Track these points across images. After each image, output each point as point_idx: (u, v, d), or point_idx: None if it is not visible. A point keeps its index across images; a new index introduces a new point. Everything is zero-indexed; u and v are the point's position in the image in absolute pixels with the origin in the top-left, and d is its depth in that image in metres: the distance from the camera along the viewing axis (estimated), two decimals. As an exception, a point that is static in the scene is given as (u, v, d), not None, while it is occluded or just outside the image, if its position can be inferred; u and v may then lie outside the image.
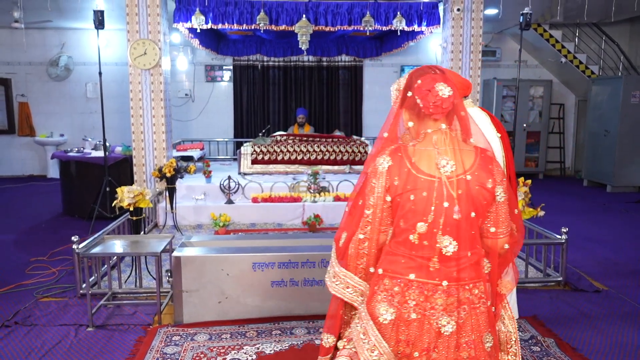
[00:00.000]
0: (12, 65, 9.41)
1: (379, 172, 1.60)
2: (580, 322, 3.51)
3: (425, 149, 1.61)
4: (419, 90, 1.59)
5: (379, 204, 1.60)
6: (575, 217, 6.68)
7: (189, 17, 6.26)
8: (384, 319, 1.59)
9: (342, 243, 1.70)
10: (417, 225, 1.56)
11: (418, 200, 1.55)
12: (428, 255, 1.57)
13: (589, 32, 9.66)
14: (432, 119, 1.61)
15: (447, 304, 1.56)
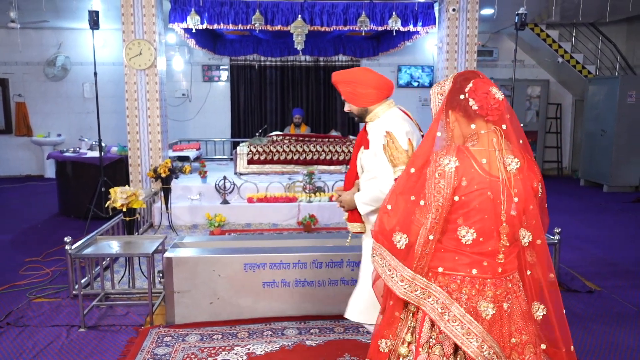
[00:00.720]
0: (9, 65, 9.41)
1: (447, 173, 1.61)
2: (572, 323, 3.47)
3: (486, 149, 1.66)
4: (474, 93, 1.66)
5: (446, 204, 1.62)
6: (572, 217, 6.68)
7: (185, 17, 6.26)
8: (486, 315, 1.63)
9: (405, 244, 1.68)
10: (479, 224, 1.62)
11: (484, 200, 1.61)
12: (484, 251, 1.64)
13: (585, 32, 9.66)
14: (484, 121, 1.66)
15: (495, 295, 1.65)
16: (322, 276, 3.50)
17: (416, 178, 1.68)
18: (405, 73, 9.99)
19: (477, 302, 1.64)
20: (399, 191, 1.72)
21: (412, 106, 10.10)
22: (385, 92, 2.40)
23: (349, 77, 2.41)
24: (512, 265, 1.68)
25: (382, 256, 1.73)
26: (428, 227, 1.64)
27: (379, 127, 2.31)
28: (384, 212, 1.74)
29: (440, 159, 1.63)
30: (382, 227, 1.74)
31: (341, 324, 3.42)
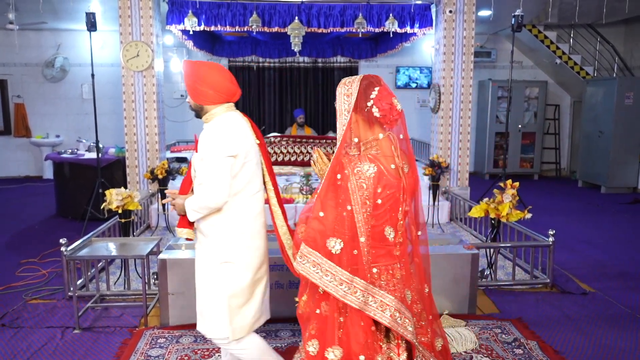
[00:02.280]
0: (8, 66, 9.44)
1: (367, 178, 1.78)
2: (565, 325, 3.52)
3: (390, 155, 1.86)
4: (379, 102, 1.83)
5: (371, 207, 1.79)
6: (569, 218, 6.69)
7: (182, 19, 6.28)
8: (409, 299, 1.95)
9: (340, 249, 1.79)
10: (392, 223, 1.85)
11: (394, 200, 1.83)
12: (394, 243, 1.89)
13: (583, 33, 9.67)
14: (382, 127, 1.87)
15: (402, 276, 1.94)
16: (316, 278, 3.50)
17: (339, 185, 1.79)
18: (403, 74, 10.00)
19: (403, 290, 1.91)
20: (327, 198, 1.82)
21: (411, 107, 10.12)
22: (224, 97, 2.25)
23: (194, 70, 2.24)
24: (406, 252, 1.96)
25: (316, 263, 1.80)
26: (363, 231, 1.78)
27: (210, 131, 2.19)
28: (315, 219, 1.82)
29: (359, 166, 1.79)
30: (313, 234, 1.82)
31: (335, 326, 3.42)
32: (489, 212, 4.21)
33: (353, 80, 1.93)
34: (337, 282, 1.79)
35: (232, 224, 2.23)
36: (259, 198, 2.32)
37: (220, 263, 2.24)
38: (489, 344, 3.20)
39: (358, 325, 1.83)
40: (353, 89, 1.89)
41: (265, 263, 2.38)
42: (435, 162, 5.98)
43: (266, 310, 2.45)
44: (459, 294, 3.62)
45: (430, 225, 6.16)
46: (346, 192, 1.78)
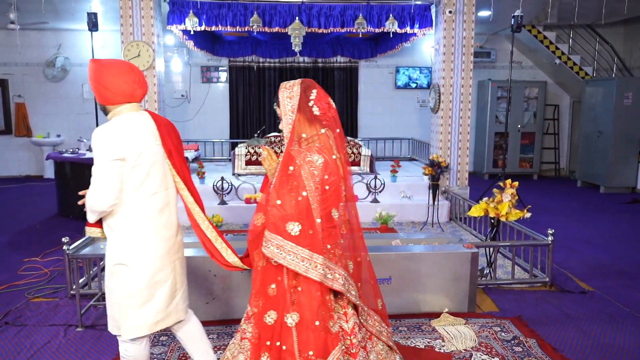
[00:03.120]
0: (9, 66, 9.45)
1: (317, 167, 2.03)
2: (564, 323, 3.55)
3: (331, 148, 2.12)
4: (318, 102, 2.11)
5: (321, 192, 2.03)
6: (568, 217, 6.72)
7: (183, 19, 6.31)
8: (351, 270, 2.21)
9: (299, 230, 2.01)
10: (336, 206, 2.12)
11: (338, 187, 2.10)
12: (339, 222, 2.14)
13: (583, 33, 9.70)
14: (321, 124, 2.14)
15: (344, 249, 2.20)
16: (317, 276, 3.53)
17: (292, 175, 2.02)
18: (403, 74, 10.03)
19: (345, 261, 2.17)
20: (282, 187, 2.03)
21: (410, 107, 10.14)
22: (122, 97, 2.21)
23: (95, 69, 2.20)
24: (356, 233, 2.25)
25: (279, 245, 2.02)
26: (318, 213, 2.03)
27: (98, 133, 2.14)
28: (274, 207, 2.03)
29: (310, 157, 2.04)
30: (275, 220, 2.03)
31: (335, 324, 3.45)
32: (488, 211, 4.23)
33: (293, 84, 2.14)
34: (298, 259, 2.00)
35: (125, 226, 2.21)
36: (158, 199, 2.27)
37: (114, 265, 2.24)
38: (488, 342, 3.23)
39: (313, 295, 2.05)
40: (295, 92, 2.10)
41: (169, 265, 2.31)
42: (435, 161, 6.00)
43: (179, 311, 2.39)
44: (458, 292, 3.65)
45: (430, 225, 6.19)
46: (300, 180, 2.00)
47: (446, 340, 3.24)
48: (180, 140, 2.43)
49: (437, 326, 3.42)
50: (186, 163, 2.42)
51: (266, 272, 2.10)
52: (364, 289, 2.27)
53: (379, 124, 10.13)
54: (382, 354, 2.29)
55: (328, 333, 2.04)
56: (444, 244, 3.99)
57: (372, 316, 2.29)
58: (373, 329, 2.28)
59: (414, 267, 3.60)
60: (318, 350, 2.01)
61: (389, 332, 2.37)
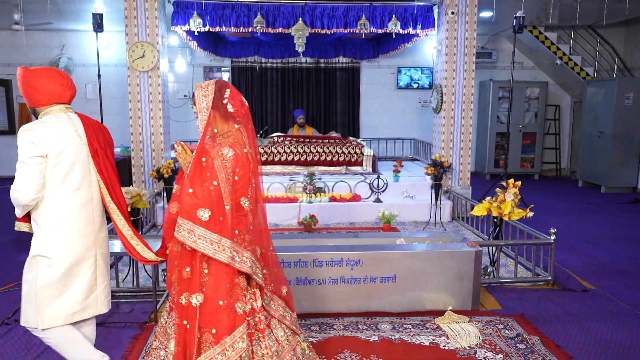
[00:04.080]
0: (13, 66, 9.49)
1: (229, 160, 2.18)
2: (567, 321, 3.59)
3: (243, 142, 2.28)
4: (232, 100, 2.27)
5: (231, 182, 2.18)
6: (569, 217, 6.77)
7: (187, 20, 6.35)
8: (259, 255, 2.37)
9: (209, 216, 2.14)
10: (246, 195, 2.26)
11: (248, 178, 2.26)
12: (248, 211, 2.30)
13: (584, 34, 9.75)
14: (234, 121, 2.30)
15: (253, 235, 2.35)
16: (323, 275, 3.58)
17: (204, 166, 2.16)
18: (405, 75, 10.07)
19: (253, 246, 2.31)
20: (195, 177, 2.16)
21: (412, 107, 10.19)
22: (49, 99, 2.39)
23: (23, 75, 2.37)
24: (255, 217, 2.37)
25: (190, 230, 2.14)
26: (228, 201, 2.17)
27: (22, 131, 2.27)
28: (187, 195, 2.16)
29: (221, 150, 2.18)
30: (187, 207, 2.15)
31: (341, 322, 3.50)
32: (491, 210, 4.28)
33: (208, 84, 2.29)
34: (208, 243, 2.14)
35: (48, 221, 2.35)
36: (79, 196, 2.40)
37: (33, 256, 2.39)
38: (492, 340, 3.27)
39: (222, 277, 2.19)
40: (209, 91, 2.26)
41: (89, 259, 2.44)
42: (438, 161, 6.05)
43: (99, 304, 2.52)
44: (462, 290, 3.69)
45: (433, 224, 6.23)
46: (212, 171, 2.15)
47: (450, 337, 3.28)
48: (110, 143, 2.57)
49: (442, 324, 3.46)
50: (112, 164, 2.55)
51: (182, 257, 2.21)
52: (270, 275, 2.43)
53: (381, 124, 10.17)
54: (287, 333, 2.44)
55: (233, 312, 2.18)
56: (448, 242, 4.03)
57: (276, 301, 2.43)
58: (276, 313, 2.41)
59: (418, 265, 3.64)
60: (222, 329, 2.15)
61: (292, 317, 2.51)
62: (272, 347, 2.30)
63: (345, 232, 5.84)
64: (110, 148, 2.56)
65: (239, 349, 2.15)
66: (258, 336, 2.28)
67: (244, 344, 2.16)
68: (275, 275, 2.48)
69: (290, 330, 2.47)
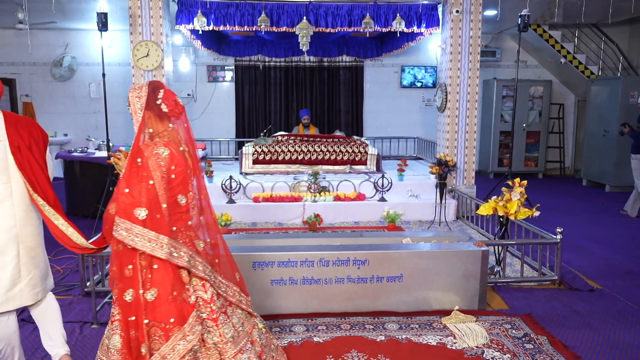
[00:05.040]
0: (17, 65, 9.50)
1: (163, 158, 2.25)
2: (574, 321, 3.59)
3: (179, 141, 2.37)
4: (166, 100, 2.32)
5: (166, 180, 2.25)
6: (574, 216, 6.75)
7: (191, 19, 6.34)
8: (199, 248, 2.42)
9: (146, 215, 2.20)
10: (184, 193, 2.35)
11: (184, 176, 2.34)
12: (186, 208, 2.37)
13: (588, 32, 9.71)
14: (169, 120, 2.37)
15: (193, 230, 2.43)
16: (329, 274, 3.57)
17: (140, 166, 2.22)
18: (408, 73, 10.05)
19: (195, 241, 2.38)
20: (131, 178, 2.22)
21: (416, 106, 10.17)
22: None
23: None
24: (209, 217, 2.48)
25: (127, 229, 2.20)
26: (164, 199, 2.24)
27: None
28: (123, 195, 2.21)
29: (157, 150, 2.25)
30: (124, 206, 2.21)
31: (347, 321, 3.49)
32: (497, 210, 4.27)
33: (142, 85, 2.36)
34: (146, 240, 2.21)
35: None
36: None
37: None
38: (499, 339, 3.26)
39: (167, 272, 2.27)
40: (143, 92, 2.33)
41: (10, 253, 2.51)
42: (443, 160, 6.03)
43: (24, 297, 2.59)
44: (468, 290, 3.68)
45: (437, 223, 6.22)
46: (148, 171, 2.21)
47: (457, 337, 3.27)
48: (37, 139, 2.59)
49: (448, 323, 3.45)
50: (39, 160, 2.59)
51: (124, 255, 2.26)
52: (222, 265, 2.54)
53: (384, 123, 10.16)
54: (242, 318, 2.57)
55: (184, 302, 2.29)
56: (454, 242, 4.02)
57: (232, 287, 2.55)
58: (233, 299, 2.53)
59: (425, 265, 3.64)
60: (177, 318, 2.25)
61: (248, 300, 2.63)
62: (227, 334, 2.39)
63: (350, 231, 5.84)
64: (37, 144, 2.59)
65: (197, 331, 2.29)
66: (207, 325, 2.37)
67: (199, 326, 2.30)
68: (229, 263, 2.60)
69: (246, 313, 2.61)
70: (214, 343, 2.36)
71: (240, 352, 2.41)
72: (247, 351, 2.45)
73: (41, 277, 2.66)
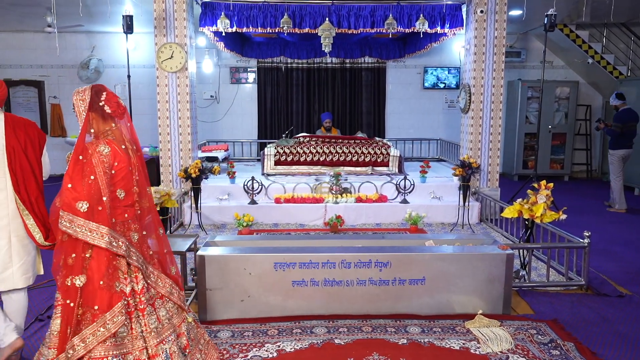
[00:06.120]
0: (45, 68, 9.72)
1: (105, 155, 2.43)
2: (602, 327, 3.49)
3: (122, 139, 2.55)
4: (108, 101, 2.49)
5: (108, 176, 2.44)
6: (601, 219, 6.59)
7: (215, 21, 6.40)
8: (134, 239, 2.57)
9: (87, 207, 2.38)
10: (125, 188, 2.52)
11: (127, 172, 2.52)
12: (128, 203, 2.55)
13: (617, 32, 9.49)
14: (113, 120, 2.54)
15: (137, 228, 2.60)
16: (351, 276, 3.55)
17: (84, 162, 2.41)
18: (431, 75, 9.96)
19: (130, 233, 2.54)
20: (74, 173, 2.40)
21: (438, 108, 10.08)
22: None
23: None
24: (148, 211, 2.66)
25: (70, 220, 2.38)
26: (105, 193, 2.42)
27: None
28: (66, 189, 2.40)
29: (98, 147, 2.43)
30: (67, 200, 2.39)
31: (369, 324, 3.46)
32: (522, 212, 4.19)
33: (85, 89, 2.52)
34: (87, 230, 2.39)
35: None
36: None
37: None
38: (525, 345, 3.19)
39: (102, 260, 2.43)
40: (86, 95, 2.49)
41: (3, 239, 2.83)
42: (466, 162, 5.96)
43: (15, 280, 2.87)
44: (493, 294, 3.62)
45: (460, 226, 6.14)
46: (91, 167, 2.40)
47: (481, 342, 3.22)
48: (33, 139, 2.89)
49: (472, 328, 3.40)
50: (31, 160, 2.89)
51: (68, 245, 2.43)
52: (159, 258, 2.70)
53: (406, 124, 10.09)
54: (172, 311, 2.69)
55: (112, 291, 2.44)
56: (478, 245, 3.96)
57: (164, 279, 2.67)
58: (163, 290, 2.65)
59: (448, 268, 3.59)
60: (102, 305, 2.40)
61: (180, 294, 2.75)
62: (151, 325, 2.54)
63: (371, 233, 5.80)
64: (33, 144, 2.89)
65: (118, 321, 2.42)
66: (138, 314, 2.52)
67: (122, 317, 2.44)
68: (169, 256, 2.77)
69: (177, 307, 2.72)
70: (141, 331, 2.52)
71: (161, 343, 2.55)
72: (169, 342, 2.59)
73: (32, 263, 2.98)
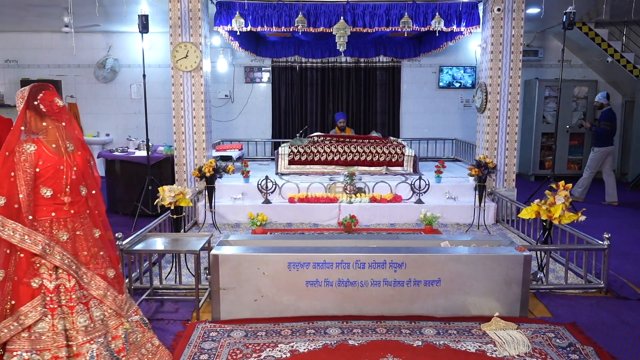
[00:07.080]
0: (62, 67, 9.82)
1: (29, 154, 2.45)
2: (622, 331, 3.41)
3: (54, 139, 2.54)
4: (44, 101, 2.53)
5: (31, 174, 2.45)
6: (621, 221, 6.47)
7: (229, 20, 6.40)
8: (62, 239, 2.55)
9: (4, 203, 2.41)
10: (54, 187, 2.51)
11: (55, 171, 2.52)
12: (58, 202, 2.54)
13: (637, 30, 9.31)
14: (50, 119, 2.55)
15: (71, 227, 2.59)
16: (365, 277, 3.52)
17: (8, 158, 2.44)
18: (447, 74, 9.87)
19: (57, 232, 2.52)
20: (2, 169, 2.42)
21: (454, 107, 9.98)
22: None
23: None
24: (82, 209, 2.64)
25: None
26: (23, 190, 2.43)
27: None
28: None
29: (23, 146, 2.46)
30: None
31: (383, 325, 3.43)
32: (540, 213, 4.12)
33: (25, 89, 2.58)
34: (0, 225, 2.41)
35: None
36: None
37: None
38: (542, 348, 3.13)
39: (15, 256, 2.46)
40: (25, 93, 2.56)
41: None
42: (482, 162, 5.88)
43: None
44: (509, 296, 3.56)
45: (476, 227, 6.07)
46: (12, 164, 2.44)
47: (498, 345, 3.16)
48: None
49: (488, 330, 3.34)
50: None
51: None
52: (98, 259, 2.68)
53: (422, 124, 10.01)
54: (110, 314, 2.67)
55: (28, 287, 2.46)
56: (495, 246, 3.90)
57: (98, 282, 2.64)
58: (95, 292, 2.63)
59: (464, 269, 3.54)
60: (19, 301, 2.44)
61: (118, 298, 2.71)
62: (80, 323, 2.53)
63: (386, 233, 5.76)
64: None
65: (33, 316, 2.44)
66: (64, 311, 2.52)
67: (37, 313, 2.45)
68: (110, 258, 2.76)
69: (112, 311, 2.69)
70: (64, 329, 2.51)
71: (89, 342, 2.55)
72: (99, 344, 2.57)
73: None
